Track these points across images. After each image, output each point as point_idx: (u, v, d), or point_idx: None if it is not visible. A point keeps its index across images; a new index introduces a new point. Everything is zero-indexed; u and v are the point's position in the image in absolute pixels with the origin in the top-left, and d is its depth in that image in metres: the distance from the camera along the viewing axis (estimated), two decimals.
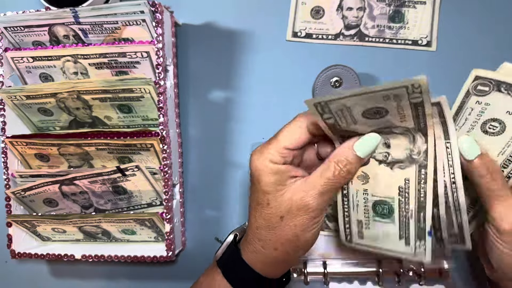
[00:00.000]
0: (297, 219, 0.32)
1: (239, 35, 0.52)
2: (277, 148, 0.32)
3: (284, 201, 0.32)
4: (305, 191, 0.32)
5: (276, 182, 0.32)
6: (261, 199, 0.33)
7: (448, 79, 0.49)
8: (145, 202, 0.50)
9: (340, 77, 0.47)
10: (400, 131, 0.32)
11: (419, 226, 0.33)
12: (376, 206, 0.34)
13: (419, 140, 0.32)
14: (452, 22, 0.49)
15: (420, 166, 0.32)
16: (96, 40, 0.47)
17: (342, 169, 0.32)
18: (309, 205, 0.32)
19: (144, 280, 0.54)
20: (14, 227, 0.50)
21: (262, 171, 0.33)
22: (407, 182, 0.33)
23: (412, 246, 0.34)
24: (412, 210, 0.33)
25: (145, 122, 0.48)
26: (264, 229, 0.34)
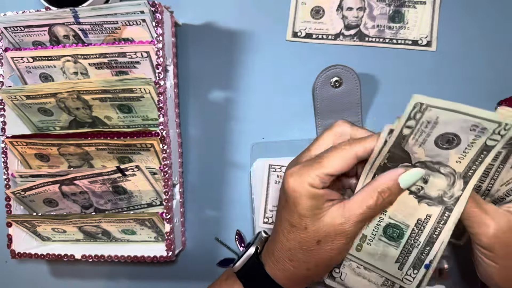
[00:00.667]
0: (334, 243, 0.33)
1: (239, 35, 0.52)
2: (319, 173, 0.32)
3: (322, 226, 0.32)
4: (345, 218, 0.32)
5: (314, 206, 0.32)
6: (297, 222, 0.33)
7: (448, 79, 0.49)
8: (145, 202, 0.50)
9: (340, 77, 0.47)
10: (446, 172, 0.32)
11: (420, 257, 0.34)
12: (388, 228, 0.35)
13: (457, 186, 0.32)
14: (452, 22, 0.49)
15: (446, 208, 0.33)
16: (96, 40, 0.47)
17: (385, 199, 0.32)
18: (348, 231, 0.32)
19: (144, 280, 0.54)
20: (14, 227, 0.50)
21: (300, 194, 0.32)
22: (428, 218, 0.33)
23: (404, 272, 0.35)
24: (421, 242, 0.34)
25: (145, 122, 0.48)
26: (298, 251, 0.34)
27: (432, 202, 0.33)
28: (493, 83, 0.48)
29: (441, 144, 0.31)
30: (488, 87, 0.48)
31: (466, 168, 0.31)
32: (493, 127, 0.28)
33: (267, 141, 0.51)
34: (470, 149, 0.30)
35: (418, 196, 0.33)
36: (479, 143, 0.30)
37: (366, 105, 0.49)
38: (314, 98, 0.49)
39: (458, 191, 0.32)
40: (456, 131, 0.30)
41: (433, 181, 0.32)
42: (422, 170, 0.32)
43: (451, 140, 0.31)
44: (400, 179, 0.32)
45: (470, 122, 0.29)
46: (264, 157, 0.50)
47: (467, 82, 0.48)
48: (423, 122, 0.30)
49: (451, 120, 0.29)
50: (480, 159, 0.31)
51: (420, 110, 0.29)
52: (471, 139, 0.30)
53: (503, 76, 0.48)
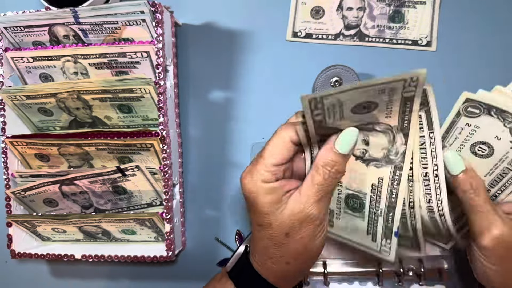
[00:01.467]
0: (302, 231, 0.32)
1: (239, 35, 0.52)
2: (266, 167, 0.32)
3: (285, 218, 0.32)
4: (302, 203, 0.32)
5: (273, 201, 0.32)
6: (261, 220, 0.33)
7: (448, 79, 0.49)
8: (145, 202, 0.50)
9: (340, 77, 0.47)
10: (382, 129, 0.32)
11: (387, 225, 0.33)
12: (349, 199, 0.35)
13: (398, 140, 0.31)
14: (452, 22, 0.49)
15: (395, 167, 0.32)
16: (96, 40, 0.47)
17: (331, 171, 0.32)
18: (310, 215, 0.32)
19: (144, 280, 0.54)
20: (14, 227, 0.50)
21: (256, 193, 0.32)
22: (381, 181, 0.33)
23: (378, 243, 0.34)
24: (382, 209, 0.33)
25: (145, 122, 0.48)
26: (271, 248, 0.34)
27: (380, 164, 0.32)
28: (493, 83, 0.48)
29: (360, 112, 0.30)
30: (488, 87, 0.48)
31: (399, 120, 0.31)
32: (401, 85, 0.28)
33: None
34: (392, 104, 0.30)
35: (365, 160, 0.33)
36: (396, 98, 0.29)
37: None
38: None
39: (401, 146, 0.31)
40: (367, 99, 0.29)
41: (373, 140, 0.32)
42: (354, 128, 0.31)
43: (367, 106, 0.30)
44: (335, 144, 0.31)
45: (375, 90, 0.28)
46: None
47: (467, 82, 0.48)
48: (329, 108, 0.30)
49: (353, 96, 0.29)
50: (408, 109, 0.30)
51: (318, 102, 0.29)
52: (386, 99, 0.29)
53: (503, 76, 0.48)
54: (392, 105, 0.30)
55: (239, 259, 0.38)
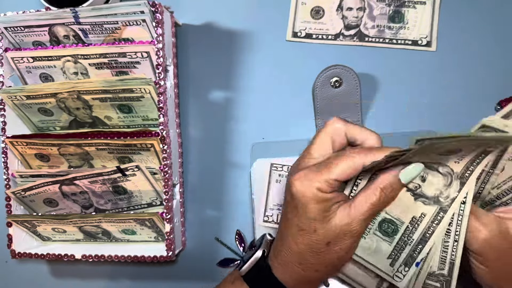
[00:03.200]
0: (343, 243, 0.33)
1: (239, 35, 0.52)
2: (327, 179, 0.32)
3: (331, 227, 0.33)
4: (351, 218, 0.33)
5: (323, 210, 0.33)
6: (306, 225, 0.33)
7: (448, 79, 0.49)
8: (145, 202, 0.50)
9: (340, 77, 0.47)
10: (443, 172, 0.33)
11: (412, 255, 0.34)
12: (384, 223, 0.35)
13: (454, 186, 0.32)
14: (452, 22, 0.49)
15: (441, 209, 0.33)
16: (96, 40, 0.47)
17: (387, 195, 0.33)
18: (355, 230, 0.33)
19: (144, 280, 0.54)
20: (14, 227, 0.50)
21: (309, 199, 0.33)
22: (422, 217, 0.34)
23: (395, 269, 0.35)
24: (414, 240, 0.34)
25: (145, 122, 0.48)
26: (307, 254, 0.34)
27: (428, 201, 0.33)
28: (493, 83, 0.48)
29: (444, 154, 0.32)
30: (488, 87, 0.48)
31: (464, 169, 0.32)
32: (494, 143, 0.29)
33: (267, 141, 0.51)
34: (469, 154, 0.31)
35: (415, 194, 0.34)
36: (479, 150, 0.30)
37: (366, 105, 0.49)
38: (314, 98, 0.49)
39: (454, 192, 0.32)
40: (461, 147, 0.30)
41: (431, 179, 0.33)
42: (421, 164, 0.32)
43: (454, 151, 0.31)
44: (400, 174, 0.32)
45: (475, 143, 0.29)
46: (264, 157, 0.50)
47: (467, 82, 0.48)
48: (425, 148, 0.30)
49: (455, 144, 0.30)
50: (478, 161, 0.31)
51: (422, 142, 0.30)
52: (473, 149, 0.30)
53: (503, 76, 0.48)
54: (470, 154, 0.31)
55: (256, 263, 0.38)
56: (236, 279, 0.38)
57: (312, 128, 0.50)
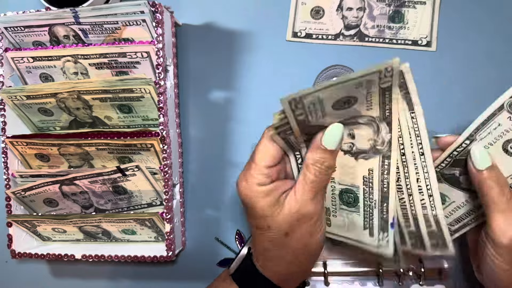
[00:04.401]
0: (301, 229, 0.33)
1: (239, 35, 0.52)
2: (259, 170, 0.33)
3: (283, 219, 0.33)
4: (298, 202, 0.32)
5: (270, 204, 0.33)
6: (261, 224, 0.33)
7: (448, 79, 0.49)
8: (145, 202, 0.50)
9: None
10: (365, 121, 0.32)
11: (382, 217, 0.33)
12: (343, 194, 0.35)
13: (383, 130, 0.32)
14: (452, 22, 0.49)
15: (383, 157, 0.32)
16: (96, 40, 0.47)
17: (321, 167, 0.32)
18: (307, 213, 0.33)
19: (144, 280, 0.54)
20: (14, 227, 0.50)
21: (253, 197, 0.33)
22: (371, 173, 0.33)
23: (376, 238, 0.34)
24: (376, 200, 0.33)
25: (145, 122, 0.48)
26: (272, 250, 0.34)
27: (368, 155, 0.33)
28: (493, 83, 0.48)
29: (341, 108, 0.31)
30: (488, 87, 0.48)
31: (381, 111, 0.31)
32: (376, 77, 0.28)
33: None
34: (371, 96, 0.30)
35: (353, 153, 0.33)
36: (374, 90, 0.29)
37: None
38: None
39: (386, 135, 0.32)
40: (346, 95, 0.29)
41: (359, 133, 0.32)
42: (338, 123, 0.31)
43: (347, 101, 0.30)
44: (322, 142, 0.32)
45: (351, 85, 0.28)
46: None
47: (467, 82, 0.48)
48: (309, 106, 0.30)
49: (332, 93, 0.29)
50: (388, 98, 0.30)
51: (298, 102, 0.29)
52: (364, 92, 0.29)
53: (503, 76, 0.48)
54: (372, 97, 0.30)
55: (242, 261, 0.39)
56: (226, 277, 0.38)
57: None
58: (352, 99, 0.30)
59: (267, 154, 0.33)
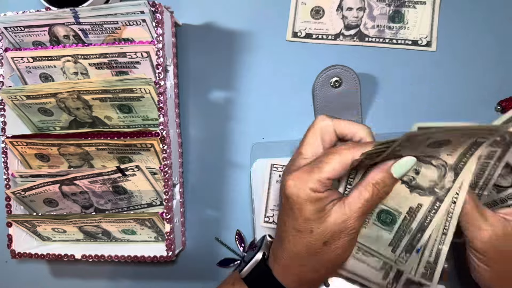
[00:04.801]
0: (340, 241, 0.33)
1: (239, 35, 0.52)
2: (320, 178, 0.32)
3: (327, 227, 0.33)
4: (346, 215, 0.33)
5: (318, 210, 0.33)
6: (302, 226, 0.33)
7: (448, 79, 0.49)
8: (145, 202, 0.50)
9: (340, 77, 0.47)
10: (436, 164, 0.33)
11: (411, 243, 0.35)
12: (382, 213, 0.36)
13: (448, 177, 0.33)
14: (452, 22, 0.49)
15: (437, 199, 0.33)
16: (96, 40, 0.47)
17: (380, 191, 0.33)
18: (351, 227, 0.33)
19: (144, 280, 0.54)
20: (14, 227, 0.50)
21: (303, 200, 0.33)
22: (419, 207, 0.34)
23: (397, 255, 0.35)
24: (413, 228, 0.35)
25: (145, 122, 0.48)
26: (305, 254, 0.34)
27: (424, 192, 0.34)
28: (493, 83, 0.48)
29: (433, 147, 0.32)
30: (488, 87, 0.48)
31: (457, 161, 0.32)
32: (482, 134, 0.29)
33: (267, 141, 0.51)
34: (460, 145, 0.31)
35: (410, 186, 0.34)
36: (469, 142, 0.31)
37: (366, 105, 0.49)
38: (314, 98, 0.49)
39: (449, 183, 0.33)
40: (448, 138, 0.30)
41: (424, 172, 0.33)
42: (413, 157, 0.32)
43: (444, 143, 0.31)
44: (392, 168, 0.32)
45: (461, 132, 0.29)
46: (264, 157, 0.50)
47: (467, 82, 0.48)
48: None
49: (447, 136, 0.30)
50: (471, 152, 0.31)
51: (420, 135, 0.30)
52: (462, 140, 0.30)
53: (503, 76, 0.48)
54: (460, 146, 0.31)
55: (256, 265, 0.38)
56: (236, 280, 0.38)
57: None
58: (448, 142, 0.31)
59: (337, 169, 0.32)
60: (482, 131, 0.30)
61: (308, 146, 0.35)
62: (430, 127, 0.28)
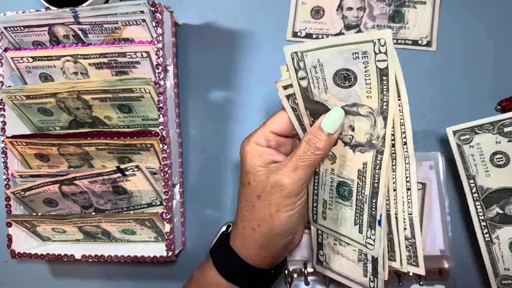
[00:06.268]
0: (272, 197, 0.34)
1: (239, 35, 0.52)
2: (264, 132, 0.35)
3: (261, 180, 0.34)
4: (279, 170, 0.34)
5: (259, 164, 0.35)
6: (244, 179, 0.36)
7: (448, 79, 0.49)
8: (145, 202, 0.50)
9: None
10: (365, 113, 0.32)
11: (371, 213, 0.33)
12: (339, 187, 0.35)
13: (379, 124, 0.32)
14: (452, 22, 0.49)
15: (377, 151, 0.32)
16: (96, 40, 0.47)
17: (311, 145, 0.34)
18: (282, 183, 0.33)
19: (144, 280, 0.54)
20: (14, 227, 0.50)
21: (247, 153, 0.35)
22: (365, 166, 0.33)
23: (364, 235, 0.34)
24: (367, 195, 0.33)
25: (145, 122, 0.48)
26: (245, 209, 0.36)
27: (364, 148, 0.33)
28: (493, 83, 0.48)
29: (342, 84, 0.31)
30: (488, 87, 0.48)
31: (379, 102, 0.31)
32: (370, 47, 0.28)
33: None
34: (370, 78, 0.30)
35: (352, 146, 0.34)
36: (372, 69, 0.29)
37: None
38: None
39: (381, 130, 0.32)
40: (344, 65, 0.30)
41: (358, 126, 0.33)
42: (340, 109, 0.33)
43: (347, 76, 0.31)
44: (322, 123, 0.33)
45: (348, 52, 0.29)
46: None
47: (467, 82, 0.48)
48: (310, 69, 0.31)
49: (330, 56, 0.30)
50: (385, 87, 0.30)
51: (299, 59, 0.31)
52: (362, 68, 0.30)
53: (503, 76, 0.48)
54: (370, 79, 0.30)
55: (219, 236, 0.41)
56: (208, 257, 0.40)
57: None
58: (352, 74, 0.30)
59: (277, 122, 0.36)
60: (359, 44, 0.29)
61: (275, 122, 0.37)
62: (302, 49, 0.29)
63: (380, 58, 0.29)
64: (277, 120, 0.36)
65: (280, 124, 0.36)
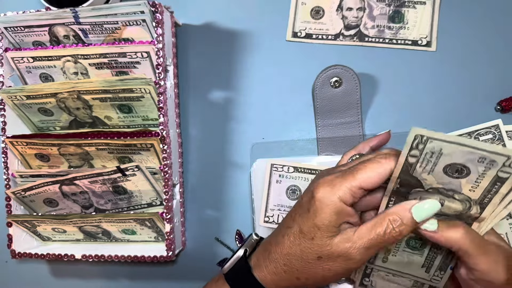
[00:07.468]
0: (334, 265, 0.32)
1: (239, 35, 0.52)
2: (352, 187, 0.30)
3: (329, 244, 0.31)
4: (351, 242, 0.31)
5: (333, 222, 0.31)
6: (308, 230, 0.32)
7: (448, 79, 0.49)
8: (145, 202, 0.50)
9: (339, 77, 0.47)
10: (460, 198, 0.31)
11: (445, 261, 0.35)
12: (410, 240, 0.36)
13: (473, 210, 0.31)
14: (452, 22, 0.49)
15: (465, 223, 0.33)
16: (96, 40, 0.47)
17: (395, 229, 0.30)
18: (352, 257, 0.31)
19: (144, 280, 0.54)
20: (14, 227, 0.50)
21: (326, 207, 0.31)
22: None
23: (431, 274, 0.36)
24: (444, 250, 0.35)
25: (145, 122, 0.48)
26: (296, 258, 0.33)
27: (450, 218, 0.32)
28: (493, 83, 0.48)
29: (450, 173, 0.30)
30: (488, 87, 0.48)
31: (481, 196, 0.30)
32: (502, 160, 0.28)
33: (267, 141, 0.51)
34: (482, 179, 0.30)
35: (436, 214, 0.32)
36: (490, 174, 0.29)
37: (366, 105, 0.49)
38: (314, 98, 0.49)
39: (475, 214, 0.32)
40: (464, 162, 0.29)
41: (448, 205, 0.31)
42: (438, 203, 0.31)
43: (460, 170, 0.30)
44: (413, 209, 0.30)
45: (477, 155, 0.28)
46: (264, 157, 0.50)
47: (467, 82, 0.48)
48: (427, 153, 0.29)
49: (456, 152, 0.29)
50: (495, 190, 0.30)
51: (422, 141, 0.29)
52: (481, 171, 0.29)
53: (503, 76, 0.48)
54: (482, 180, 0.30)
55: (237, 262, 0.38)
56: (219, 278, 0.38)
57: (312, 128, 0.50)
58: (466, 170, 0.29)
59: (372, 179, 0.30)
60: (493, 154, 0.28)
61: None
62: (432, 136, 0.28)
63: (505, 170, 0.29)
64: (370, 176, 0.30)
65: (372, 183, 0.30)
